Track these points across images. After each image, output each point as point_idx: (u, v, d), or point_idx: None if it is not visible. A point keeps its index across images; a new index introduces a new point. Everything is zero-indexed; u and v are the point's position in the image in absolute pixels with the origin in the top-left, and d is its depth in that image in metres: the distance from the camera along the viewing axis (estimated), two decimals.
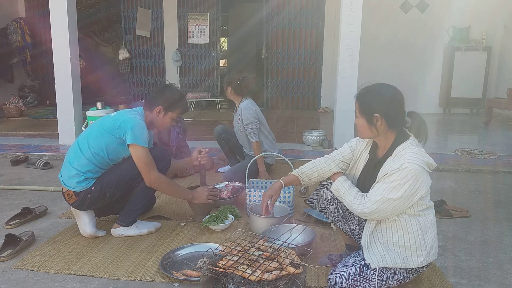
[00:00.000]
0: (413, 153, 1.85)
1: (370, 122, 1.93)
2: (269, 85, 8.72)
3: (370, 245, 1.96)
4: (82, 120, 5.17)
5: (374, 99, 1.93)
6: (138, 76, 9.02)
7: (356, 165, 2.15)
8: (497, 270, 2.29)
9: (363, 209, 1.89)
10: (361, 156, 2.14)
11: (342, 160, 2.18)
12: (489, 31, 7.60)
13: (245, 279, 1.75)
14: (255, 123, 3.70)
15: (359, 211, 1.91)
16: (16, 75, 8.59)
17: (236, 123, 3.88)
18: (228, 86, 3.80)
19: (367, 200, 1.89)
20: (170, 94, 2.69)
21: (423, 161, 1.84)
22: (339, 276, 1.90)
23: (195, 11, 8.53)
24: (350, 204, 1.97)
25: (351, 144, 2.20)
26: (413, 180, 1.80)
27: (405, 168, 1.80)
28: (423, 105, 7.82)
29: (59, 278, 2.18)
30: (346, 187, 2.02)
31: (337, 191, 2.05)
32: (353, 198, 1.96)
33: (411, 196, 1.82)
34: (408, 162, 1.81)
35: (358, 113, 1.96)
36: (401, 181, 1.80)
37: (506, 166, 4.31)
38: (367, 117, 1.92)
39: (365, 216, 1.93)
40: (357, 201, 1.93)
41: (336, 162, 2.17)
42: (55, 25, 4.98)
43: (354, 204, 1.94)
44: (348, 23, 4.67)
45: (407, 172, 1.80)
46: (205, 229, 2.75)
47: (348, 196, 1.98)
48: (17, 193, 3.54)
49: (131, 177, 2.57)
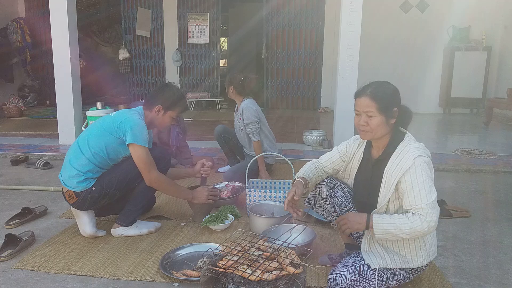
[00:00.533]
0: (416, 148, 1.87)
1: (389, 118, 1.91)
2: (269, 85, 8.72)
3: (369, 248, 1.96)
4: (82, 120, 5.18)
5: (390, 94, 1.93)
6: (138, 76, 9.03)
7: (350, 166, 2.15)
8: (497, 270, 2.29)
9: (429, 223, 1.76)
10: (354, 158, 2.13)
11: (332, 168, 2.21)
12: (489, 31, 7.60)
13: (245, 279, 1.75)
14: (256, 122, 3.70)
15: (426, 229, 1.77)
16: (16, 75, 8.59)
17: (237, 122, 3.88)
18: (230, 85, 3.80)
19: (422, 213, 1.78)
20: (170, 93, 2.69)
21: (427, 154, 1.88)
22: (338, 276, 1.90)
23: (195, 11, 8.53)
24: (412, 231, 1.78)
25: (340, 148, 2.19)
26: (430, 169, 1.85)
27: (419, 165, 1.82)
28: (423, 105, 7.84)
29: (59, 278, 2.18)
30: (389, 221, 1.83)
31: (385, 232, 1.83)
32: (409, 222, 1.79)
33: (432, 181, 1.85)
34: (418, 156, 1.83)
35: (375, 112, 1.88)
36: (426, 176, 1.81)
37: (506, 166, 4.31)
38: (387, 113, 1.90)
39: (433, 229, 1.81)
40: (416, 222, 1.78)
41: (327, 170, 2.21)
42: (55, 25, 4.98)
43: (417, 226, 1.77)
44: (348, 23, 4.67)
45: (423, 164, 1.82)
46: (205, 229, 2.75)
47: (403, 224, 1.79)
48: (17, 193, 3.54)
49: (131, 177, 2.57)
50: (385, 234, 1.83)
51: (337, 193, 2.15)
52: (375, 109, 1.89)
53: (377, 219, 1.84)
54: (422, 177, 1.81)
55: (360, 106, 1.93)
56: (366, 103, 1.90)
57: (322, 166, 2.22)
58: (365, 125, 1.92)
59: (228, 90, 3.84)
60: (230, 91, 3.82)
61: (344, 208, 2.12)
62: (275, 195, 2.94)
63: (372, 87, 1.93)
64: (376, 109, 1.89)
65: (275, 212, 2.81)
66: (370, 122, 1.91)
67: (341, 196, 2.14)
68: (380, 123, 1.90)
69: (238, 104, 3.87)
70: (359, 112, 1.94)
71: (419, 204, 1.79)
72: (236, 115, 3.89)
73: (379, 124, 1.90)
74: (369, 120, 1.91)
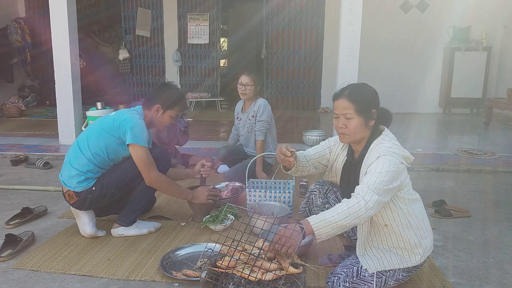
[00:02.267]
0: (386, 147, 1.85)
1: (368, 120, 1.90)
2: (269, 85, 8.71)
3: (365, 252, 1.94)
4: (82, 120, 5.17)
5: (368, 95, 1.92)
6: (138, 76, 9.03)
7: (335, 166, 2.14)
8: (497, 270, 2.29)
9: (367, 202, 1.70)
10: (338, 159, 2.12)
11: (318, 161, 2.19)
12: (489, 31, 7.60)
13: (245, 279, 1.75)
14: (267, 122, 3.74)
15: (364, 209, 1.69)
16: (16, 75, 8.59)
17: (246, 120, 3.84)
18: (257, 85, 3.75)
19: (360, 193, 1.73)
20: (169, 92, 2.69)
21: (398, 154, 1.84)
22: (337, 279, 1.90)
23: (195, 11, 8.53)
24: (349, 211, 1.70)
25: (329, 143, 2.18)
26: (392, 166, 1.78)
27: (381, 160, 1.80)
28: (423, 105, 7.85)
29: (59, 278, 2.18)
30: (325, 213, 1.75)
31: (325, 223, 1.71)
32: (345, 203, 1.73)
33: (394, 180, 1.78)
34: (383, 155, 1.81)
35: (354, 113, 1.87)
36: (383, 169, 1.77)
37: (506, 166, 4.31)
38: (365, 115, 1.89)
39: (371, 211, 1.71)
40: (352, 201, 1.72)
41: (315, 165, 2.19)
42: (55, 25, 4.98)
43: (353, 206, 1.71)
44: (348, 23, 4.67)
45: (384, 159, 1.80)
46: (205, 229, 2.75)
47: (339, 207, 1.73)
48: (17, 193, 3.54)
49: (131, 177, 2.57)
50: (326, 226, 1.71)
51: (330, 198, 2.15)
52: (353, 110, 1.88)
53: (313, 218, 1.74)
54: (378, 169, 1.77)
55: (338, 109, 1.92)
56: (344, 105, 1.90)
57: (311, 160, 2.19)
58: (343, 127, 1.91)
59: (252, 89, 3.72)
60: (252, 90, 3.73)
61: None
62: (275, 195, 2.94)
63: (349, 88, 1.93)
64: (354, 111, 1.88)
65: (275, 212, 2.81)
66: (348, 124, 1.90)
67: (334, 200, 2.14)
68: (358, 125, 1.89)
69: (249, 103, 3.84)
70: (337, 115, 1.94)
71: (361, 187, 1.76)
72: (245, 114, 3.85)
73: (357, 126, 1.89)
74: (347, 122, 1.90)
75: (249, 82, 3.72)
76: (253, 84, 3.72)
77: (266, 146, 3.83)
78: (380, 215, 1.88)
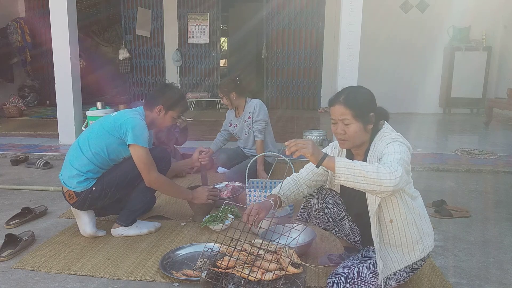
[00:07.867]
0: (391, 137, 1.86)
1: (366, 124, 1.88)
2: (269, 85, 8.72)
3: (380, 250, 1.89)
4: (82, 120, 5.18)
5: (364, 99, 1.90)
6: (138, 76, 9.03)
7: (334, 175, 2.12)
8: (497, 270, 2.29)
9: (394, 173, 1.61)
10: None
11: (312, 180, 2.15)
12: (489, 31, 7.60)
13: (245, 279, 1.75)
14: (265, 121, 3.76)
15: (388, 180, 1.60)
16: (16, 75, 8.59)
17: (242, 123, 3.84)
18: (231, 92, 3.69)
19: (390, 166, 1.65)
20: (170, 93, 2.69)
21: (403, 143, 1.85)
22: (337, 280, 1.89)
23: (195, 11, 8.53)
24: (376, 175, 1.61)
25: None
26: (405, 148, 1.81)
27: (392, 143, 1.81)
28: (423, 105, 7.85)
29: (59, 278, 2.18)
30: (354, 161, 1.68)
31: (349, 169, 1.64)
32: (376, 166, 1.64)
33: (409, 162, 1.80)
34: (391, 142, 1.82)
35: (352, 119, 1.84)
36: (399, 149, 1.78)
37: (506, 166, 4.31)
38: (364, 120, 1.87)
39: (395, 185, 1.62)
40: (382, 169, 1.62)
41: (308, 184, 2.16)
42: (55, 25, 4.98)
43: (382, 172, 1.61)
44: (348, 23, 4.67)
45: (395, 142, 1.81)
46: (205, 229, 2.75)
47: (369, 166, 1.63)
48: (17, 193, 3.54)
49: (131, 177, 2.57)
50: (349, 168, 1.64)
51: (329, 203, 2.12)
52: (350, 116, 1.85)
53: (339, 159, 1.69)
54: (393, 150, 1.77)
55: (335, 115, 1.89)
56: (341, 111, 1.87)
57: (303, 181, 2.17)
58: (343, 133, 1.88)
59: (230, 98, 3.71)
60: (232, 97, 3.71)
61: (338, 217, 2.11)
62: None
63: (345, 93, 1.89)
64: (352, 116, 1.85)
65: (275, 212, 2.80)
66: (347, 130, 1.87)
67: (333, 205, 2.12)
68: (357, 130, 1.86)
69: (242, 106, 3.83)
70: (335, 120, 1.91)
71: (384, 161, 1.74)
72: (239, 119, 3.86)
73: (356, 131, 1.86)
74: (346, 128, 1.87)
75: (221, 95, 3.75)
76: (224, 95, 3.72)
77: (266, 146, 3.83)
78: (387, 210, 1.87)
